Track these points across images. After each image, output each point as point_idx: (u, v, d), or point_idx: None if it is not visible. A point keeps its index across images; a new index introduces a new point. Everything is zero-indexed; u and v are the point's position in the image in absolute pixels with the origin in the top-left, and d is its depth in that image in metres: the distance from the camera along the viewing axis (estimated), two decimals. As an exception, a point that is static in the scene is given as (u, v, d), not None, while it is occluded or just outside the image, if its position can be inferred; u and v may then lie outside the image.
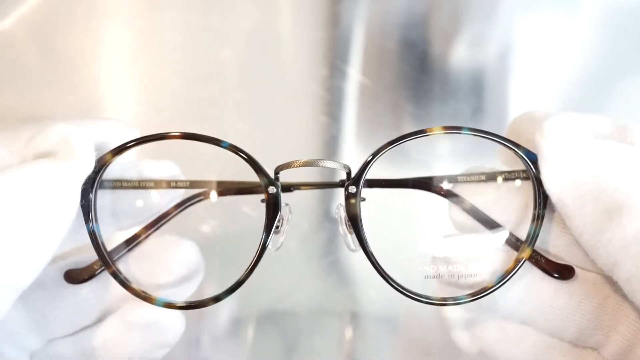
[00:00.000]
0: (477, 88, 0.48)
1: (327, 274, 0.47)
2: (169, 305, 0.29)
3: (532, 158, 0.28)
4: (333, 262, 0.47)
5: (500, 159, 0.30)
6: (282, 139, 0.48)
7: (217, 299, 0.29)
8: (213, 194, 0.31)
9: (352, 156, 0.48)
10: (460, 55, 0.47)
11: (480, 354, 0.31)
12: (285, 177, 0.29)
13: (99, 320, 0.30)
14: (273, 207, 0.28)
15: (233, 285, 0.28)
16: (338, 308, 0.47)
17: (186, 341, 0.31)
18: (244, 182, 0.31)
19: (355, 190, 0.28)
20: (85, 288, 0.29)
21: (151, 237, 0.30)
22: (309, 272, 0.47)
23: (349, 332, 0.46)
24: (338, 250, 0.47)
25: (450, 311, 0.31)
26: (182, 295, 0.30)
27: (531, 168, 0.28)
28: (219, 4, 0.48)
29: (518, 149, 0.28)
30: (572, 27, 0.47)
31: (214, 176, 0.31)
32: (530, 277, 0.29)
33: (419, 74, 0.48)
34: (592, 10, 0.47)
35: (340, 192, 0.29)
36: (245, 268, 0.28)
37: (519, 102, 0.48)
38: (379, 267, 0.28)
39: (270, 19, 0.48)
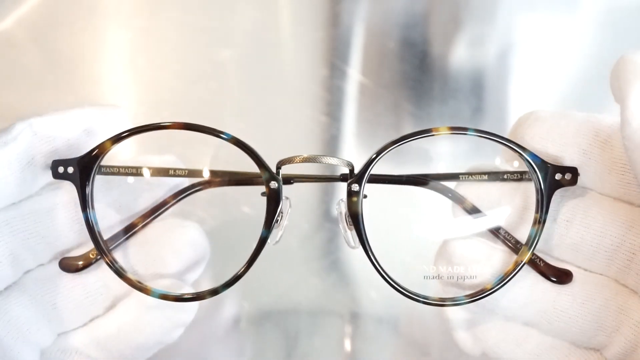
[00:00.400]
0: (477, 88, 0.48)
1: (327, 274, 0.47)
2: (165, 297, 0.28)
3: (537, 161, 0.28)
4: (333, 262, 0.47)
5: (504, 159, 0.30)
6: (282, 139, 0.48)
7: (215, 291, 0.28)
8: (212, 184, 0.31)
9: (352, 156, 0.48)
10: (460, 55, 0.47)
11: (483, 356, 0.31)
12: (285, 173, 0.29)
13: (110, 308, 0.30)
14: (274, 202, 0.28)
15: (231, 278, 0.28)
16: (338, 308, 0.47)
17: (186, 341, 0.31)
18: (243, 173, 0.30)
19: (357, 188, 0.28)
20: (93, 277, 0.29)
21: (151, 223, 0.30)
22: (309, 272, 0.47)
23: (349, 332, 0.46)
24: (338, 250, 0.47)
25: (452, 312, 0.31)
26: (189, 278, 0.30)
27: (535, 171, 0.28)
28: (219, 4, 0.48)
29: (524, 151, 0.28)
30: (572, 27, 0.47)
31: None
32: (533, 278, 0.29)
33: (419, 74, 0.48)
34: (591, 10, 0.47)
35: (340, 191, 0.29)
36: (244, 262, 0.28)
37: (519, 102, 0.47)
38: (377, 265, 0.28)
39: (270, 19, 0.48)
